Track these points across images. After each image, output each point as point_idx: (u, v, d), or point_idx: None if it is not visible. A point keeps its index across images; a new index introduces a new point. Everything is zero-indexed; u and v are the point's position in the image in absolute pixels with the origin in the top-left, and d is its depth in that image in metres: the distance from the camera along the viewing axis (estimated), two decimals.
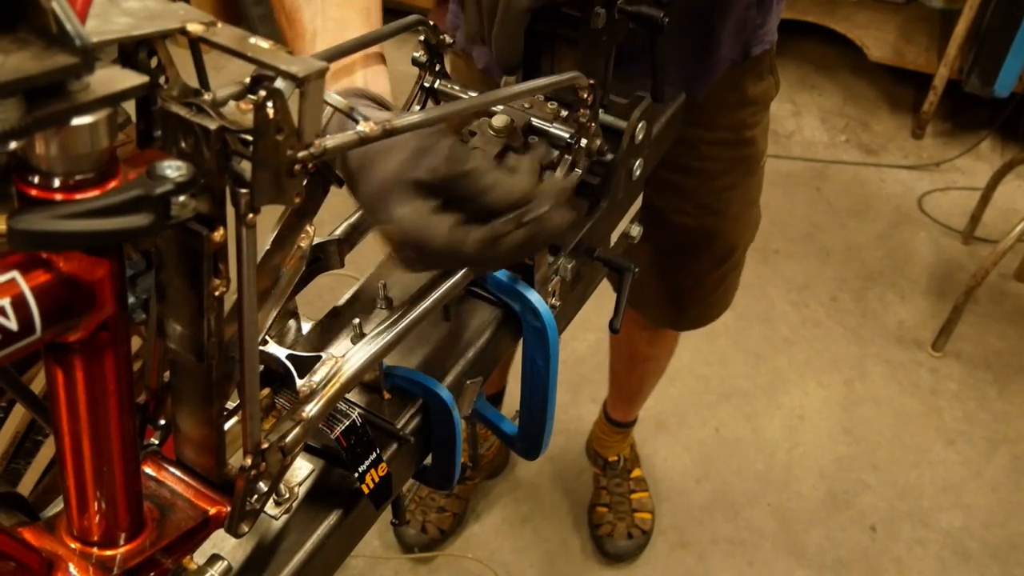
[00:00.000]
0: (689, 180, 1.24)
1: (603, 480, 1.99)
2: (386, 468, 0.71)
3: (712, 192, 1.26)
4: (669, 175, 1.22)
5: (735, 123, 1.22)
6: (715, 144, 1.21)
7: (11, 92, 0.37)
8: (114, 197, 0.42)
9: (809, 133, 3.05)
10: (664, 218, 1.27)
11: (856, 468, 2.12)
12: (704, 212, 1.27)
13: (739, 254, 1.40)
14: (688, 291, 1.42)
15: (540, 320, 0.82)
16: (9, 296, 0.41)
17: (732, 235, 1.34)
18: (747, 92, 1.20)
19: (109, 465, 0.52)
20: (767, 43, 1.18)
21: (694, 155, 1.21)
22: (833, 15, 3.09)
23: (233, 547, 0.67)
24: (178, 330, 0.54)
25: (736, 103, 1.20)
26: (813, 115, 3.12)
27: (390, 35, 0.75)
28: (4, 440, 1.40)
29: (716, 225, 1.30)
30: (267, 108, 0.47)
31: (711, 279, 1.40)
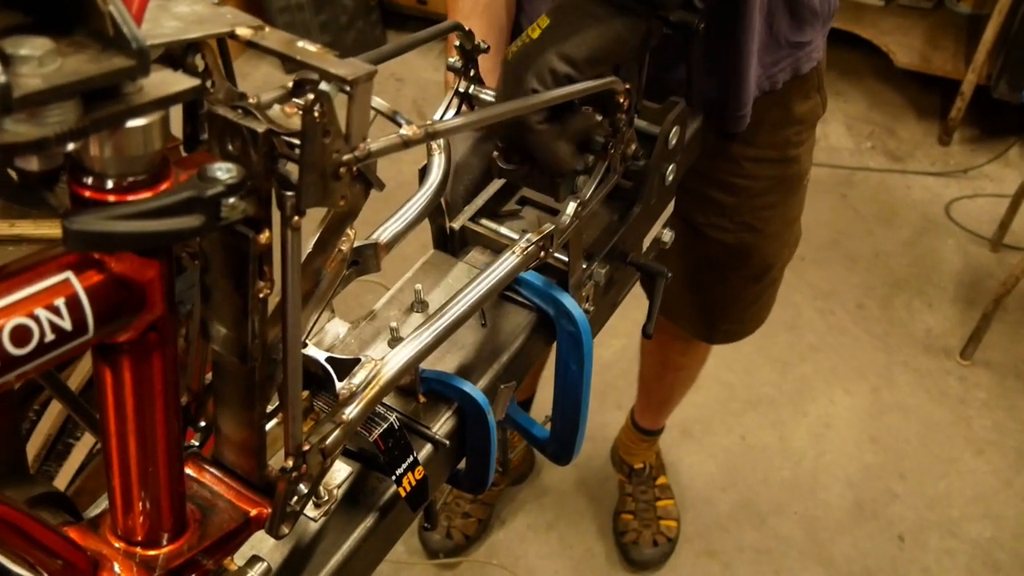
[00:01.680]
0: (729, 197, 1.23)
1: (628, 487, 1.98)
2: (423, 471, 0.71)
3: (752, 210, 1.25)
4: (709, 191, 1.21)
5: (779, 141, 1.20)
6: (758, 161, 1.20)
7: (70, 94, 0.38)
8: (166, 199, 0.43)
9: (835, 139, 3.04)
10: (702, 233, 1.27)
11: (884, 477, 2.10)
12: (743, 229, 1.26)
13: (776, 272, 1.39)
14: (723, 306, 1.41)
15: (574, 325, 0.82)
16: (63, 296, 0.42)
17: (770, 253, 1.33)
18: (793, 110, 1.19)
19: (154, 466, 0.53)
20: (815, 60, 1.17)
21: (736, 171, 1.20)
22: (859, 21, 3.08)
23: (271, 548, 0.68)
24: (222, 332, 0.55)
25: (781, 121, 1.19)
26: (839, 121, 3.10)
27: (426, 40, 0.75)
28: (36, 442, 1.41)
29: (754, 242, 1.29)
30: (315, 111, 0.47)
31: (747, 295, 1.39)
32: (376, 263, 0.76)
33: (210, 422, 0.64)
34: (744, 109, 1.09)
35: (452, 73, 0.83)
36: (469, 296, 0.71)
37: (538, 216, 0.93)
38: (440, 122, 0.57)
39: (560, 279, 0.85)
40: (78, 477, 1.42)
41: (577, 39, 0.76)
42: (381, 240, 0.74)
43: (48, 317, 0.41)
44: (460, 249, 0.89)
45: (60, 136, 0.37)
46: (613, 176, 0.82)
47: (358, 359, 0.66)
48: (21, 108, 0.36)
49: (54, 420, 1.43)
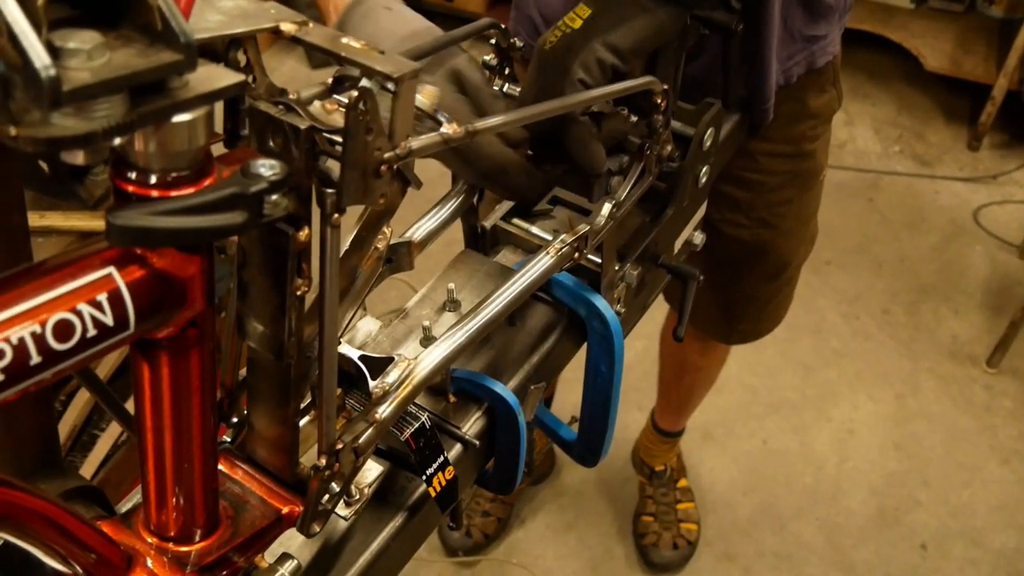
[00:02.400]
0: (744, 192, 1.22)
1: (649, 489, 1.97)
2: (453, 472, 0.70)
3: (768, 205, 1.24)
4: (724, 186, 1.20)
5: (794, 136, 1.20)
6: (773, 156, 1.20)
7: (118, 89, 0.37)
8: (210, 194, 0.42)
9: (862, 143, 3.01)
10: (718, 230, 1.26)
11: (907, 484, 2.08)
12: (759, 225, 1.25)
13: (793, 270, 1.38)
14: (740, 305, 1.40)
15: (606, 326, 0.81)
16: (106, 291, 0.42)
17: (786, 250, 1.32)
18: (808, 104, 1.18)
19: (189, 462, 0.52)
20: (830, 54, 1.16)
21: (751, 167, 1.20)
22: (889, 24, 3.05)
23: (299, 545, 0.67)
24: (258, 329, 0.54)
25: (796, 115, 1.18)
26: (866, 125, 3.08)
27: (464, 38, 0.75)
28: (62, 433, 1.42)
29: (770, 239, 1.28)
30: (359, 108, 0.46)
31: (763, 293, 1.38)
32: (409, 261, 0.75)
33: (242, 418, 0.64)
34: (768, 102, 1.08)
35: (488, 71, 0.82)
36: (503, 297, 0.71)
37: (569, 216, 0.92)
38: (481, 120, 0.56)
39: (591, 280, 0.84)
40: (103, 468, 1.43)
41: (623, 29, 0.75)
42: (415, 238, 0.74)
43: (90, 312, 0.41)
44: (491, 248, 0.89)
45: (107, 131, 0.37)
46: (648, 178, 0.82)
47: (391, 358, 0.65)
48: (69, 102, 0.35)
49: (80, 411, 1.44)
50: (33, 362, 0.39)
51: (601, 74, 0.74)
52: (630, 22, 0.75)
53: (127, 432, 1.42)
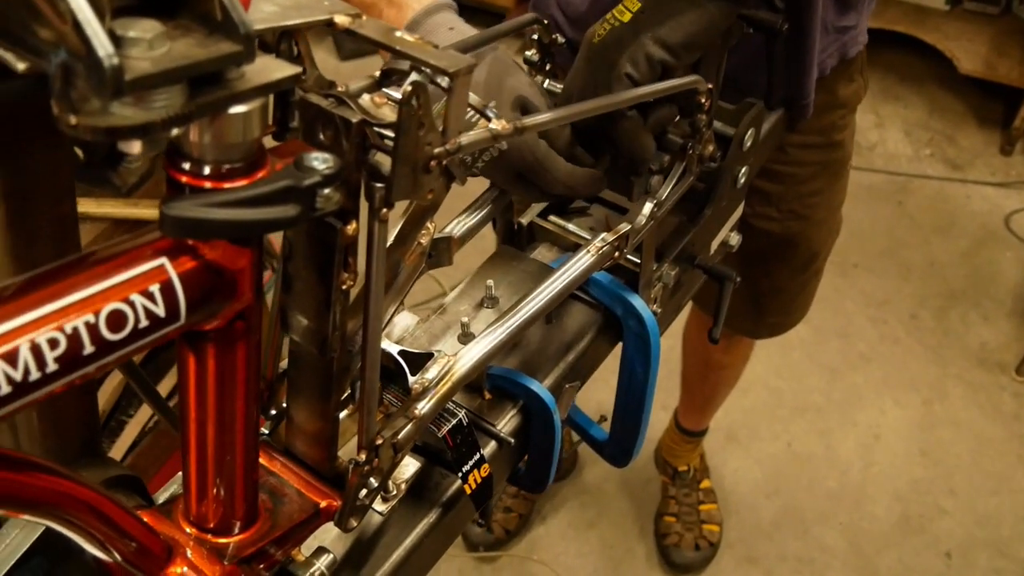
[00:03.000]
0: (775, 185, 1.22)
1: (672, 489, 1.96)
2: (488, 469, 0.70)
3: (798, 197, 1.23)
4: (755, 180, 1.19)
5: (825, 126, 1.19)
6: (804, 148, 1.19)
7: (178, 79, 0.37)
8: (263, 187, 0.42)
9: (892, 146, 2.98)
10: (748, 224, 1.24)
11: (933, 492, 2.06)
12: (790, 217, 1.25)
13: (820, 261, 1.37)
14: (769, 298, 1.39)
15: (643, 326, 0.81)
16: (158, 282, 0.41)
17: (816, 241, 1.31)
18: (838, 94, 1.17)
19: (232, 454, 0.52)
20: (860, 44, 1.16)
21: (782, 159, 1.19)
22: (923, 25, 3.02)
23: (333, 539, 0.67)
24: (303, 322, 0.54)
25: (827, 105, 1.17)
26: (897, 127, 3.04)
27: (507, 33, 0.74)
28: None
29: (801, 230, 1.27)
30: (412, 103, 0.46)
31: (793, 285, 1.37)
32: (449, 257, 0.75)
33: (281, 411, 0.64)
34: (809, 98, 1.07)
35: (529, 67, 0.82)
36: (543, 295, 0.70)
37: (607, 214, 0.91)
38: (530, 116, 0.55)
39: (627, 279, 0.83)
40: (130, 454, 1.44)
41: (673, 23, 0.74)
42: (455, 234, 0.74)
43: (143, 303, 0.41)
44: (527, 245, 0.88)
45: (166, 121, 0.37)
46: (689, 177, 0.81)
47: (430, 353, 0.65)
48: (131, 91, 0.35)
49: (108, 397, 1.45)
50: (86, 352, 0.39)
51: (649, 70, 0.73)
52: (680, 16, 0.74)
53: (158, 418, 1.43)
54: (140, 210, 1.33)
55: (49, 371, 0.38)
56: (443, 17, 0.79)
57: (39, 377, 0.38)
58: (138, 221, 1.37)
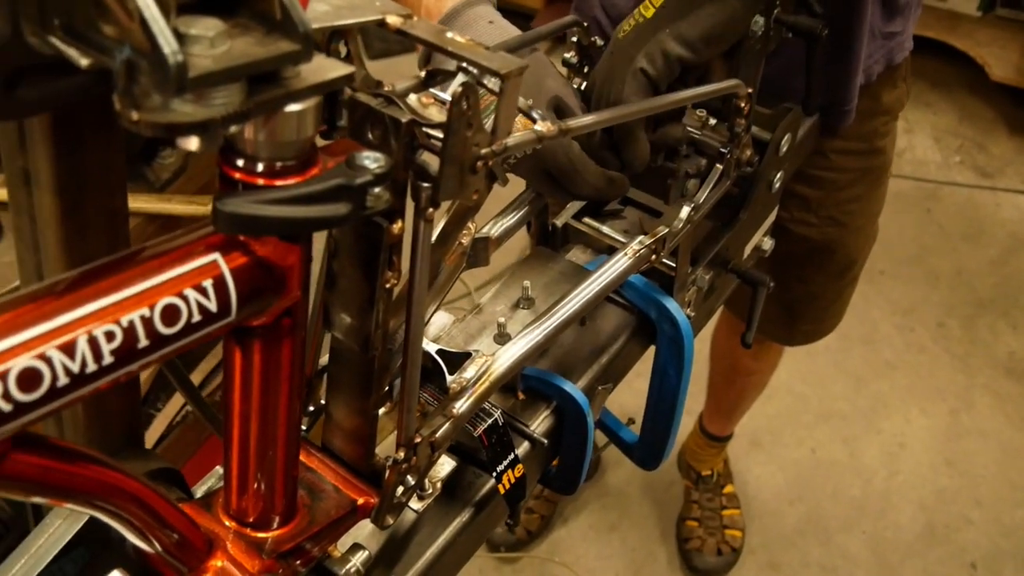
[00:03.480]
0: (815, 191, 1.21)
1: (695, 494, 1.95)
2: (522, 469, 0.70)
3: (838, 203, 1.22)
4: (794, 185, 1.19)
5: (867, 132, 1.18)
6: (845, 154, 1.18)
7: (239, 77, 0.37)
8: (316, 185, 0.43)
9: (921, 152, 2.96)
10: (785, 229, 1.24)
11: (958, 502, 2.04)
12: (828, 223, 1.24)
13: (857, 269, 1.36)
14: (803, 305, 1.38)
15: (677, 330, 0.81)
16: (211, 277, 0.42)
17: (854, 248, 1.30)
18: (881, 100, 1.17)
19: (273, 449, 0.53)
20: (907, 50, 1.15)
21: (823, 165, 1.18)
22: (954, 31, 2.99)
23: (367, 536, 0.67)
24: (346, 320, 0.55)
25: (870, 111, 1.16)
26: (926, 133, 3.02)
27: (548, 35, 0.74)
28: None
29: (839, 237, 1.26)
30: (462, 103, 0.46)
31: (828, 293, 1.36)
32: (486, 257, 0.75)
33: (319, 407, 0.64)
34: (851, 104, 1.07)
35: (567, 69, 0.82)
36: (580, 297, 0.70)
37: (640, 217, 0.91)
38: (574, 119, 0.56)
39: (661, 282, 0.83)
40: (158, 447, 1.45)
41: (693, 18, 0.74)
42: (493, 234, 0.74)
43: (196, 298, 0.41)
44: (561, 246, 0.88)
45: (225, 118, 0.37)
46: (726, 181, 0.81)
47: (468, 353, 0.65)
48: (193, 88, 0.36)
49: None
50: (140, 345, 0.40)
51: (665, 65, 0.73)
52: (699, 10, 0.74)
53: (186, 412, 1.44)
54: (172, 205, 1.34)
55: (105, 364, 0.38)
56: (483, 10, 0.79)
57: (95, 370, 0.38)
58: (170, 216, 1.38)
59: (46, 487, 0.42)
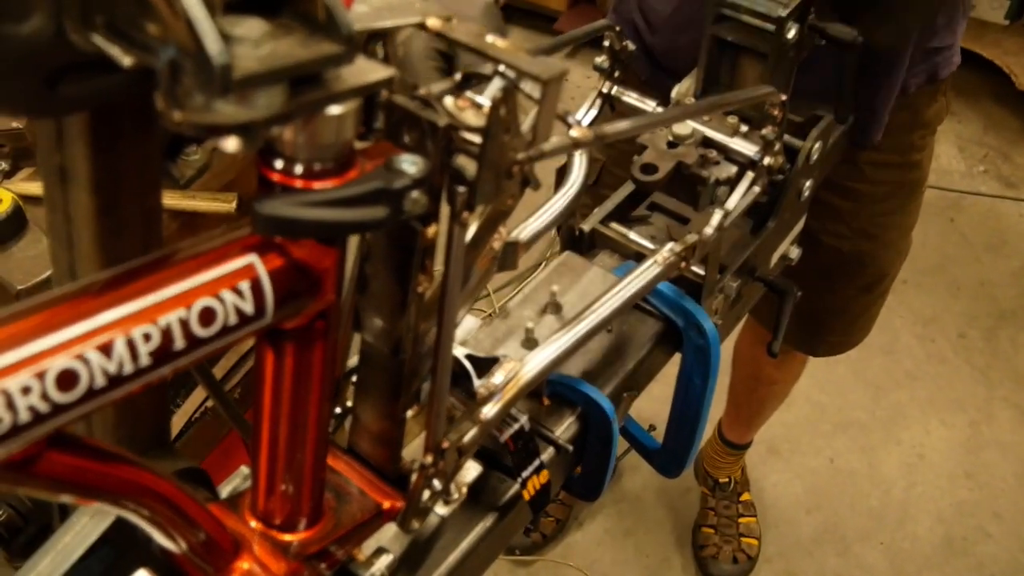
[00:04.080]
0: (848, 203, 1.19)
1: (711, 501, 1.95)
2: (547, 476, 0.70)
3: (871, 216, 1.21)
4: (827, 196, 1.17)
5: (904, 146, 1.16)
6: (880, 166, 1.17)
7: (282, 78, 0.37)
8: (355, 188, 0.42)
9: (945, 161, 2.93)
10: (816, 239, 1.23)
11: (977, 514, 2.03)
12: (860, 236, 1.22)
13: (888, 282, 1.34)
14: (832, 316, 1.37)
15: (704, 338, 0.80)
16: (248, 279, 0.42)
17: (885, 261, 1.29)
18: (921, 114, 1.15)
19: (302, 451, 0.52)
20: (953, 65, 1.13)
21: (856, 176, 1.17)
22: (981, 40, 2.97)
23: (390, 539, 0.67)
24: (377, 323, 0.54)
25: (908, 124, 1.15)
26: (950, 143, 3.00)
27: (581, 38, 0.74)
28: None
29: (870, 250, 1.25)
30: (502, 108, 0.46)
31: (857, 306, 1.35)
32: (514, 261, 0.74)
33: (345, 410, 0.64)
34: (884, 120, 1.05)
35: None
36: (609, 303, 0.70)
37: (667, 224, 0.91)
38: (610, 125, 0.55)
39: (688, 289, 0.83)
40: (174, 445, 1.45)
41: None
42: (521, 239, 0.74)
43: (233, 300, 0.41)
44: (587, 251, 0.88)
45: (267, 120, 0.37)
46: (756, 189, 0.80)
47: (496, 358, 0.65)
48: (237, 89, 0.35)
49: None
50: (176, 347, 0.39)
51: None
52: None
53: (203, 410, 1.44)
54: (197, 202, 1.34)
55: (142, 365, 0.38)
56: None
57: (132, 371, 0.38)
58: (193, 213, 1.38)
59: (79, 486, 0.42)
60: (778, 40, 0.80)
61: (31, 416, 0.35)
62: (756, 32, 0.81)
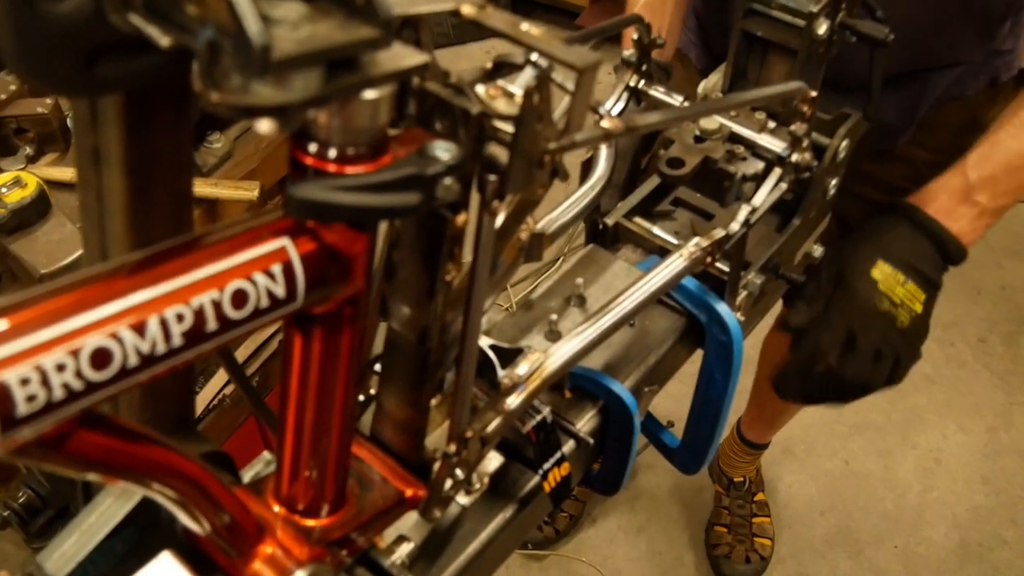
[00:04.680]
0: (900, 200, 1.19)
1: (725, 500, 1.94)
2: (568, 468, 0.70)
3: None
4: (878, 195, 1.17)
5: (959, 147, 1.15)
6: (934, 167, 1.16)
7: (320, 61, 0.37)
8: (388, 173, 0.42)
9: None
10: None
11: (993, 521, 2.01)
12: None
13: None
14: None
15: (727, 334, 0.80)
16: (280, 262, 0.42)
17: None
18: (979, 117, 1.14)
19: (327, 437, 0.52)
20: (1015, 69, 1.12)
21: (910, 176, 1.15)
22: None
23: (410, 527, 0.67)
24: (404, 311, 0.54)
25: (965, 127, 1.13)
26: None
27: (611, 30, 0.74)
28: None
29: None
30: (535, 96, 0.46)
31: None
32: (539, 253, 0.74)
33: (368, 397, 0.64)
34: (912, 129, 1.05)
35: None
36: (633, 296, 0.69)
37: (691, 219, 0.90)
38: (640, 116, 0.55)
39: (711, 285, 0.82)
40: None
41: None
42: (547, 230, 0.73)
43: (265, 282, 0.41)
44: (611, 244, 0.88)
45: (304, 103, 0.37)
46: (783, 186, 0.79)
47: (520, 349, 0.65)
48: (276, 71, 0.35)
49: None
50: (209, 328, 0.39)
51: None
52: None
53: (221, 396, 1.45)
54: (219, 190, 1.34)
55: (174, 345, 0.38)
56: None
57: (164, 351, 0.38)
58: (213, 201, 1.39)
59: (108, 465, 0.42)
60: (808, 36, 0.79)
61: (65, 393, 0.36)
62: (786, 28, 0.81)
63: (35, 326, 0.35)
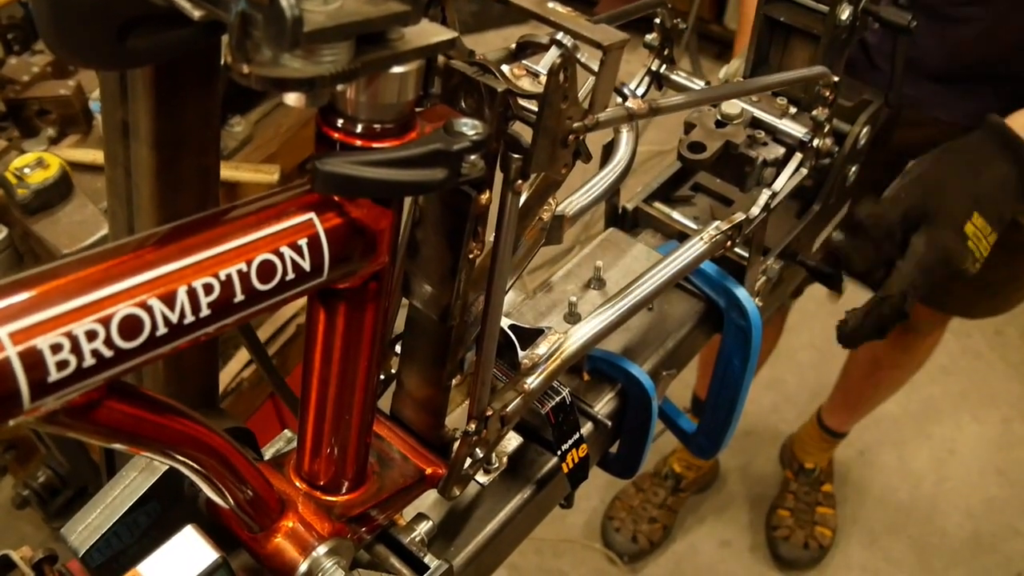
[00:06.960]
0: None
1: (793, 484, 1.93)
2: (586, 449, 0.70)
3: None
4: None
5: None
6: None
7: (349, 34, 0.37)
8: (415, 149, 0.42)
9: None
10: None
11: (1007, 512, 2.01)
12: None
13: None
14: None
15: (746, 319, 0.80)
16: (306, 236, 0.42)
17: None
18: None
19: (349, 414, 0.53)
20: None
21: None
22: None
23: (429, 506, 0.67)
24: (427, 289, 0.55)
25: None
26: None
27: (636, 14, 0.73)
28: None
29: None
30: (560, 75, 0.46)
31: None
32: (559, 235, 0.74)
33: (389, 376, 0.64)
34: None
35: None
36: (653, 279, 0.69)
37: (710, 204, 0.90)
38: (664, 98, 0.55)
39: (731, 270, 0.82)
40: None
41: None
42: (567, 212, 0.73)
43: (291, 255, 0.41)
44: (630, 229, 0.88)
45: (333, 76, 0.37)
46: (804, 172, 0.79)
47: (540, 330, 0.65)
48: (307, 43, 0.35)
49: None
50: (236, 300, 0.40)
51: None
52: None
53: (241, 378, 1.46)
54: (240, 173, 1.35)
55: (202, 316, 0.39)
56: None
57: (192, 321, 0.39)
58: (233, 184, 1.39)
59: (134, 436, 0.43)
60: (831, 21, 0.79)
61: (95, 360, 0.36)
62: (809, 13, 0.80)
63: (66, 294, 0.36)
